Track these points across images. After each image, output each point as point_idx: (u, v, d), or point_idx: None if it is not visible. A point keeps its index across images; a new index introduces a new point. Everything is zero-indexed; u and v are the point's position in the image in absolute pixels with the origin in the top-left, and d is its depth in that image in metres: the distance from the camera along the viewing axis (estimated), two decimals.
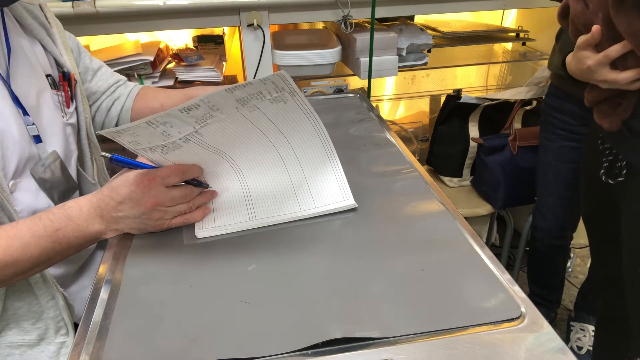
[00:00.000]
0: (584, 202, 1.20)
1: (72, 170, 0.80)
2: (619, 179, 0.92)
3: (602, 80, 0.81)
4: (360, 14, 1.40)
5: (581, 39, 0.82)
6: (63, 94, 0.79)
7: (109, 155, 0.64)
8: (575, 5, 0.83)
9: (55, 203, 0.74)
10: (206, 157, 0.66)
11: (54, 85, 0.78)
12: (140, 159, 0.66)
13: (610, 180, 0.94)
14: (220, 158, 0.68)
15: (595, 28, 0.78)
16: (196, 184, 0.68)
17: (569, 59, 0.88)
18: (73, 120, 0.82)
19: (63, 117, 0.78)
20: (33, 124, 0.71)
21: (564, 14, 0.91)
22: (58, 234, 0.61)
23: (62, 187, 0.76)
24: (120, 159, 0.65)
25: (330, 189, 0.71)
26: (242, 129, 0.64)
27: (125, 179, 0.63)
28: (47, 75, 0.77)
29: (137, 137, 0.60)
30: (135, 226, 0.64)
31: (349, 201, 0.69)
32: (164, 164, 0.66)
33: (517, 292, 0.54)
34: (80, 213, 0.63)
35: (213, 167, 0.70)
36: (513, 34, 1.76)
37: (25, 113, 0.70)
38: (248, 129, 0.64)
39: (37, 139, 0.73)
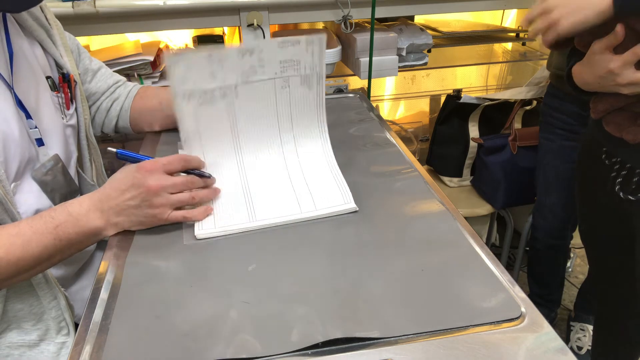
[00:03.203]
0: (583, 217, 1.17)
1: (72, 172, 0.80)
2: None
3: (628, 82, 0.75)
4: (360, 14, 1.39)
5: (597, 43, 0.77)
6: (63, 95, 0.80)
7: (114, 150, 0.68)
8: None
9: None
10: (221, 128, 0.72)
11: (54, 87, 0.78)
12: (145, 155, 0.67)
13: (630, 197, 0.91)
14: (231, 137, 0.72)
15: (620, 27, 0.73)
16: (199, 174, 0.68)
17: (577, 68, 0.83)
18: (73, 121, 0.82)
19: (63, 118, 0.79)
20: (36, 127, 0.72)
21: None
22: (58, 230, 0.61)
23: (64, 190, 0.76)
24: (125, 154, 0.67)
25: (331, 193, 0.72)
26: (265, 108, 0.72)
27: (128, 169, 0.64)
28: (47, 77, 0.77)
29: (189, 72, 0.66)
30: (135, 218, 0.64)
31: (350, 204, 0.69)
32: (187, 124, 0.69)
33: (517, 292, 0.54)
34: (80, 208, 0.63)
35: (219, 152, 0.73)
36: (513, 34, 1.76)
37: (28, 116, 0.71)
38: (269, 111, 0.72)
39: (39, 142, 0.73)
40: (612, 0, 0.70)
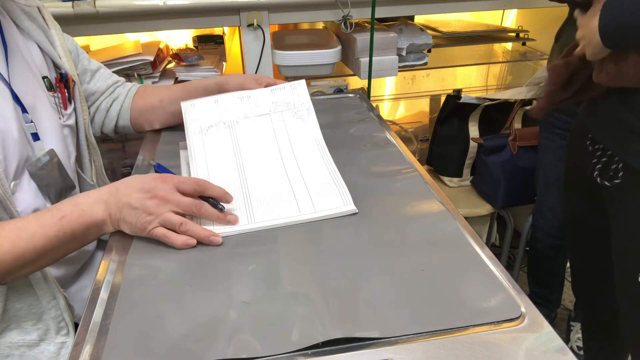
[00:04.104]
0: (568, 206, 1.18)
1: (71, 171, 0.80)
2: (616, 181, 0.90)
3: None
4: (360, 14, 1.40)
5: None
6: (60, 95, 0.80)
7: (153, 163, 0.79)
8: None
9: (52, 202, 0.74)
10: (226, 150, 0.80)
11: (51, 87, 0.78)
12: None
13: (607, 183, 0.92)
14: (234, 157, 0.79)
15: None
16: (213, 203, 0.67)
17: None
18: (71, 121, 0.82)
19: (60, 118, 0.79)
20: (32, 121, 0.72)
21: None
22: (63, 221, 0.61)
23: (59, 186, 0.76)
24: (161, 168, 0.75)
25: (330, 195, 0.72)
26: (264, 129, 0.83)
27: (146, 175, 0.66)
28: (44, 78, 0.77)
29: (201, 114, 0.84)
30: (130, 219, 0.63)
31: (350, 207, 0.69)
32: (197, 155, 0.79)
33: (517, 292, 0.54)
34: (87, 199, 0.64)
35: (222, 166, 0.77)
36: (513, 34, 1.76)
37: (24, 110, 0.71)
38: (267, 131, 0.82)
39: (35, 137, 0.73)
40: (601, 39, 0.77)
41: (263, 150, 0.80)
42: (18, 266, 0.60)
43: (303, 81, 0.88)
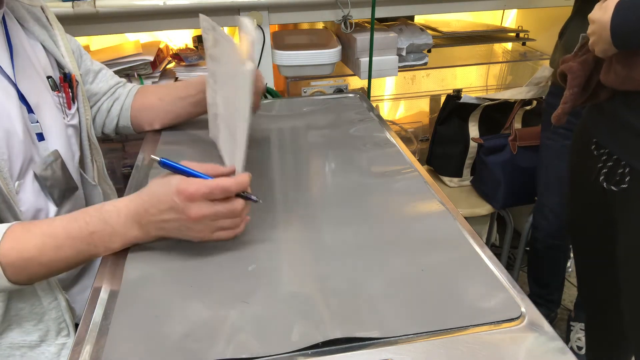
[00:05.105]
0: (570, 209, 1.18)
1: (74, 171, 0.80)
2: (623, 185, 0.90)
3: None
4: (360, 14, 1.40)
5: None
6: (64, 95, 0.80)
7: (157, 158, 0.62)
8: None
9: (55, 202, 0.74)
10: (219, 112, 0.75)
11: (55, 86, 0.78)
12: (186, 165, 0.62)
13: (613, 187, 0.92)
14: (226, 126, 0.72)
15: None
16: (246, 197, 0.62)
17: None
18: (74, 121, 0.82)
19: (64, 118, 0.79)
20: (37, 121, 0.72)
21: None
22: (94, 236, 0.59)
23: (62, 187, 0.76)
24: (167, 163, 0.62)
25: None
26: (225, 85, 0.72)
27: (167, 186, 0.59)
28: (48, 77, 0.78)
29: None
30: (176, 234, 0.61)
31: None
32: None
33: (517, 292, 0.54)
34: (117, 219, 0.60)
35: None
36: (513, 34, 1.76)
37: (30, 110, 0.71)
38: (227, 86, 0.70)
39: (40, 137, 0.73)
40: (612, 40, 0.77)
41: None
42: (45, 274, 0.61)
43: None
